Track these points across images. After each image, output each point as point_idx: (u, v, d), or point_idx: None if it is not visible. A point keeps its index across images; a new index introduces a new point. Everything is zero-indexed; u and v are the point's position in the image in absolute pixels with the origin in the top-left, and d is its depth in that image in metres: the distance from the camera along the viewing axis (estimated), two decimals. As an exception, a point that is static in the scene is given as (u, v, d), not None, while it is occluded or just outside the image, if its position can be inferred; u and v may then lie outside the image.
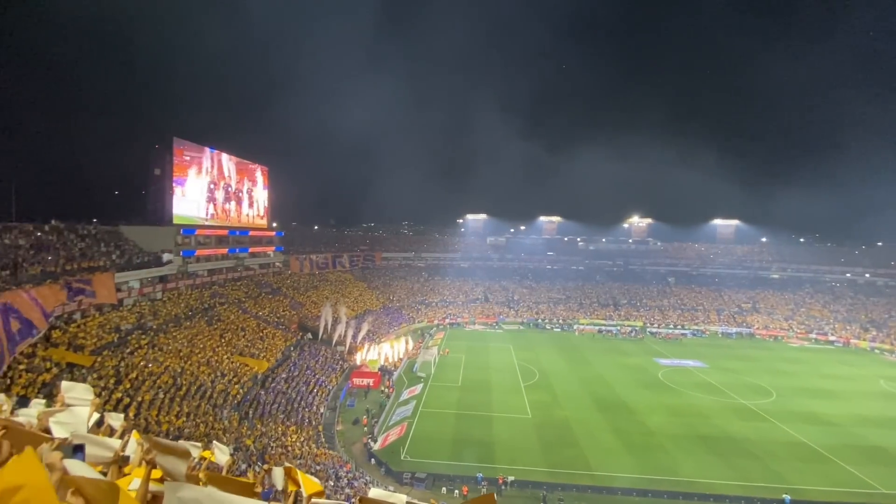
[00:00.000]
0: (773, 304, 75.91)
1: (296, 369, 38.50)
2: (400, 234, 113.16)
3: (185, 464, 2.74)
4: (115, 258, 36.54)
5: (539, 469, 27.09)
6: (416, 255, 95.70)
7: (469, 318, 74.08)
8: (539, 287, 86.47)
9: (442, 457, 28.30)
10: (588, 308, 78.58)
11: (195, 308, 40.11)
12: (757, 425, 34.35)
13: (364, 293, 73.10)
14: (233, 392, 29.31)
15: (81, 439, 3.14)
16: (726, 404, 38.82)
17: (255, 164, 59.77)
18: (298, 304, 57.33)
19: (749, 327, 70.49)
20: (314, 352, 44.49)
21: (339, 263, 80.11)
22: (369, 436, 30.94)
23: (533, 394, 40.34)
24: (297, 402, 33.07)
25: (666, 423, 34.31)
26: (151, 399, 23.90)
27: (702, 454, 29.61)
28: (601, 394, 40.87)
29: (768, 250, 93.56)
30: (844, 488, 25.75)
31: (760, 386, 43.81)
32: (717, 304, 77.75)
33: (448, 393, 40.11)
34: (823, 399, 40.16)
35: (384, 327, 61.65)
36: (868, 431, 33.35)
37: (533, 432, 32.40)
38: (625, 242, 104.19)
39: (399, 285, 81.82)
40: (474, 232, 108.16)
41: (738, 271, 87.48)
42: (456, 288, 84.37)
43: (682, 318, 73.96)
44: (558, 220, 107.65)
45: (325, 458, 25.66)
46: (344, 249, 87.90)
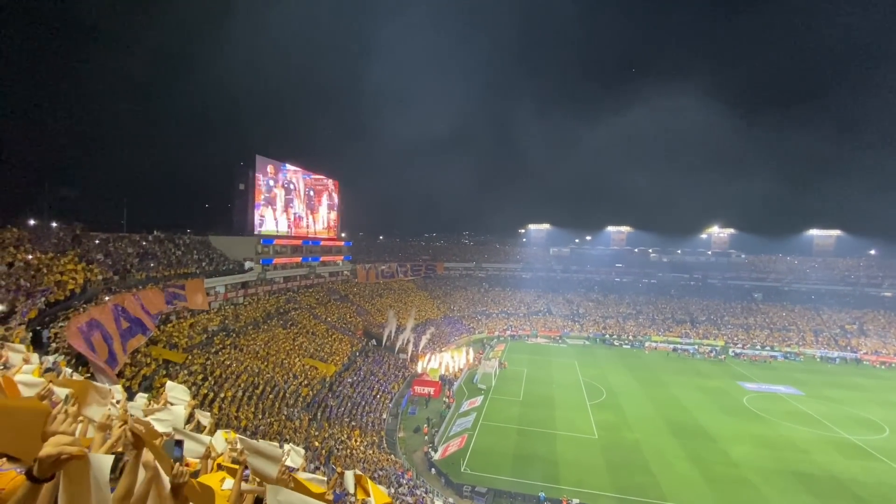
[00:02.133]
0: (884, 326, 66.28)
1: (361, 374, 39.81)
2: (461, 245, 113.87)
3: (277, 467, 2.86)
4: (204, 265, 40.30)
5: (607, 494, 25.57)
6: (477, 265, 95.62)
7: (531, 330, 72.42)
8: (606, 300, 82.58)
9: (503, 472, 27.68)
10: (661, 324, 73.62)
11: (271, 312, 43.02)
12: (865, 464, 29.94)
13: (426, 302, 74.20)
14: (303, 393, 30.90)
15: (181, 435, 3.44)
16: (826, 438, 34.29)
17: (326, 177, 63.40)
18: (364, 311, 59.48)
19: (855, 351, 62.04)
20: (378, 358, 45.79)
21: (402, 272, 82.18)
22: (430, 445, 31.08)
23: (600, 413, 38.35)
24: (361, 406, 34.12)
25: (752, 455, 30.97)
26: (232, 396, 25.86)
27: (795, 492, 26.30)
28: (676, 418, 37.88)
29: (878, 264, 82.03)
30: None
31: (870, 419, 38.25)
32: (814, 325, 69.41)
33: (509, 407, 39.31)
34: (955, 440, 34.14)
35: (445, 337, 62.03)
36: None
37: (600, 454, 30.72)
38: (703, 254, 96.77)
39: (460, 295, 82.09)
40: (537, 242, 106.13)
41: (840, 287, 77.57)
42: (517, 299, 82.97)
43: (772, 339, 66.84)
44: (627, 230, 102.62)
45: (387, 463, 26.15)
46: (407, 259, 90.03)
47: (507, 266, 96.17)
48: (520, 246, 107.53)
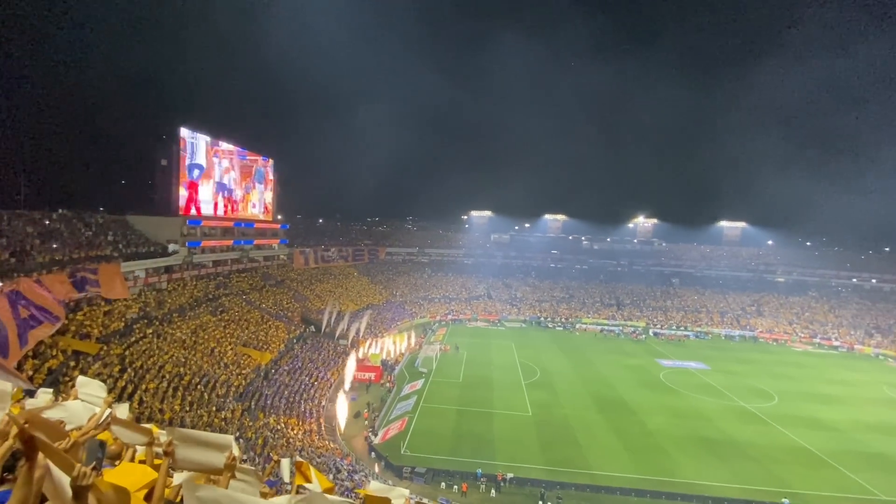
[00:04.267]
0: (777, 308, 75.53)
1: (298, 362, 38.74)
2: (404, 230, 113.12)
3: (223, 455, 2.67)
4: (121, 248, 36.80)
5: (538, 467, 27.18)
6: (420, 250, 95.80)
7: (471, 314, 74.20)
8: (542, 285, 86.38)
9: (442, 452, 28.44)
10: (591, 307, 78.48)
11: (200, 299, 40.38)
12: (758, 429, 34.28)
13: (367, 287, 73.31)
14: (235, 383, 29.54)
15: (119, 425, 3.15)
16: (728, 407, 38.76)
17: (260, 156, 59.89)
18: (302, 296, 57.59)
19: (752, 330, 70.22)
20: (317, 345, 44.74)
21: (343, 257, 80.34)
22: (370, 430, 31.13)
23: (534, 392, 40.41)
24: (299, 394, 33.29)
25: (666, 425, 34.30)
26: (155, 388, 24.14)
27: (702, 456, 29.60)
28: (602, 393, 40.89)
29: (774, 253, 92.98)
30: (845, 493, 25.70)
31: (763, 389, 43.68)
32: (720, 307, 77.45)
33: (449, 389, 40.26)
34: (826, 404, 40.00)
35: (387, 322, 61.86)
36: (871, 438, 33.22)
37: (533, 430, 32.49)
38: (629, 242, 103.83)
39: (402, 280, 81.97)
40: (479, 229, 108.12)
41: (742, 274, 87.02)
42: (459, 284, 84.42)
43: (686, 320, 73.74)
44: (563, 219, 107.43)
45: (326, 450, 25.87)
46: (348, 243, 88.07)
47: (450, 252, 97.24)
48: (462, 232, 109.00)
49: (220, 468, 2.62)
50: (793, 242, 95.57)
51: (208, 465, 2.61)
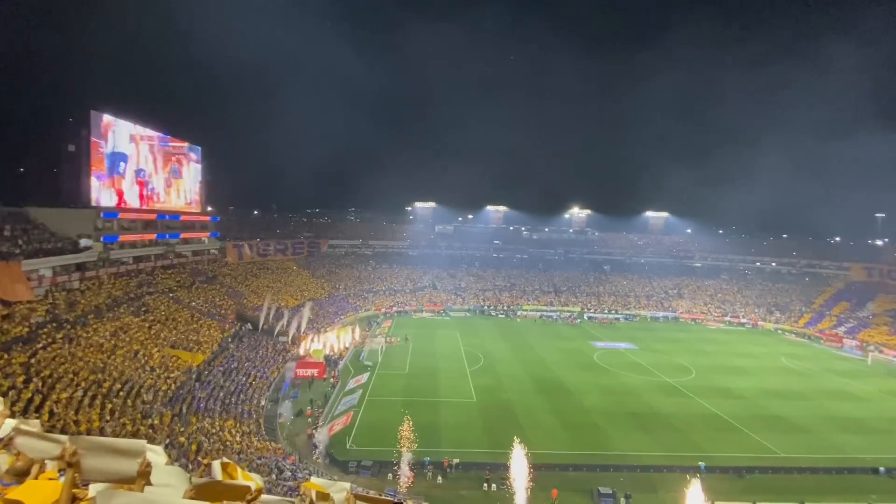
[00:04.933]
0: (694, 291, 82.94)
1: (234, 361, 36.85)
2: (347, 221, 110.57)
3: (136, 462, 2.47)
4: (21, 244, 32.77)
5: (483, 450, 28.07)
6: (364, 242, 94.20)
7: (417, 305, 74.39)
8: (485, 275, 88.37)
9: (389, 444, 28.41)
10: (531, 295, 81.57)
11: (119, 298, 37.07)
12: (678, 401, 37.67)
13: (308, 281, 71.01)
14: (163, 387, 27.57)
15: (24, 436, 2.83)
16: (653, 382, 42.16)
17: (186, 143, 55.60)
18: (237, 293, 54.68)
19: (674, 311, 76.62)
20: (254, 343, 42.80)
21: (281, 250, 77.06)
22: (314, 427, 30.43)
23: (478, 378, 41.48)
24: (235, 395, 31.73)
25: (599, 402, 36.72)
26: (69, 398, 21.94)
27: (630, 429, 32.05)
28: (542, 376, 42.85)
29: (692, 241, 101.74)
30: (750, 454, 29.00)
31: (682, 365, 47.95)
32: (647, 291, 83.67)
33: (395, 380, 40.27)
34: (735, 375, 44.74)
35: (330, 316, 60.41)
36: (770, 403, 37.69)
37: (478, 415, 33.43)
38: (566, 232, 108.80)
39: (346, 273, 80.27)
40: (423, 220, 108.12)
41: (665, 260, 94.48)
42: (404, 276, 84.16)
43: (616, 304, 78.87)
44: (505, 210, 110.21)
45: (267, 451, 24.97)
46: (287, 236, 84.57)
47: (395, 243, 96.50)
48: (407, 223, 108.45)
49: (133, 476, 2.43)
50: (708, 231, 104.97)
51: (119, 473, 2.42)
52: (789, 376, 45.54)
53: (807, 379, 44.81)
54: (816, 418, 34.69)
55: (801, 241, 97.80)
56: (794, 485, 25.47)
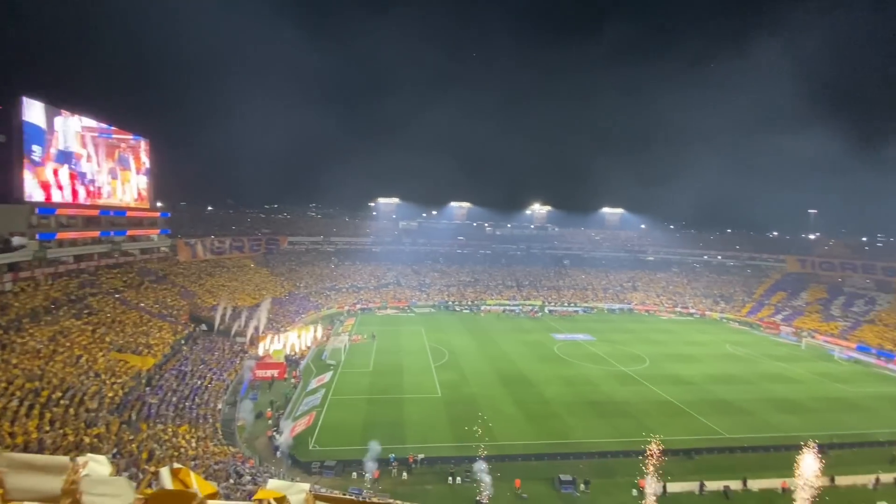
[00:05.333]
0: (648, 283, 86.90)
1: (188, 364, 35.23)
2: (307, 217, 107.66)
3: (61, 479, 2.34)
4: (-60, 243, 29.83)
5: (448, 445, 28.33)
6: (325, 239, 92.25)
7: (381, 302, 73.77)
8: (450, 270, 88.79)
9: (353, 443, 28.19)
10: (494, 289, 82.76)
11: (59, 300, 34.54)
12: (633, 388, 39.47)
13: (267, 280, 68.83)
14: (110, 394, 25.98)
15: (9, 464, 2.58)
16: (610, 372, 43.93)
17: (131, 134, 52.28)
18: (190, 293, 52.22)
19: (629, 303, 80.00)
20: (210, 345, 41.07)
21: (237, 248, 74.16)
22: (274, 429, 29.66)
23: (443, 373, 41.74)
24: (190, 399, 30.38)
25: (560, 392, 37.89)
26: (3, 408, 20.27)
27: (589, 417, 33.30)
28: (505, 369, 43.67)
29: (645, 235, 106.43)
30: (698, 436, 30.86)
31: (637, 354, 50.22)
32: (603, 284, 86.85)
33: (359, 379, 39.85)
34: (684, 363, 47.34)
35: (290, 315, 58.85)
36: (716, 387, 40.18)
37: (443, 410, 33.67)
38: (527, 228, 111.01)
39: (306, 271, 78.39)
40: (386, 216, 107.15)
41: (621, 254, 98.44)
42: (368, 273, 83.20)
43: (575, 297, 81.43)
44: (468, 206, 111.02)
45: (224, 455, 24.10)
46: (244, 233, 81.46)
47: (357, 240, 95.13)
48: (370, 219, 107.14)
49: (58, 494, 2.30)
50: (660, 226, 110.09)
51: (44, 492, 2.28)
52: (733, 362, 48.69)
53: (748, 364, 48.08)
54: (757, 400, 37.33)
55: (743, 235, 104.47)
56: (737, 463, 27.35)
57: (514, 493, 23.73)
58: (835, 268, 76.95)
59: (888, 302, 63.38)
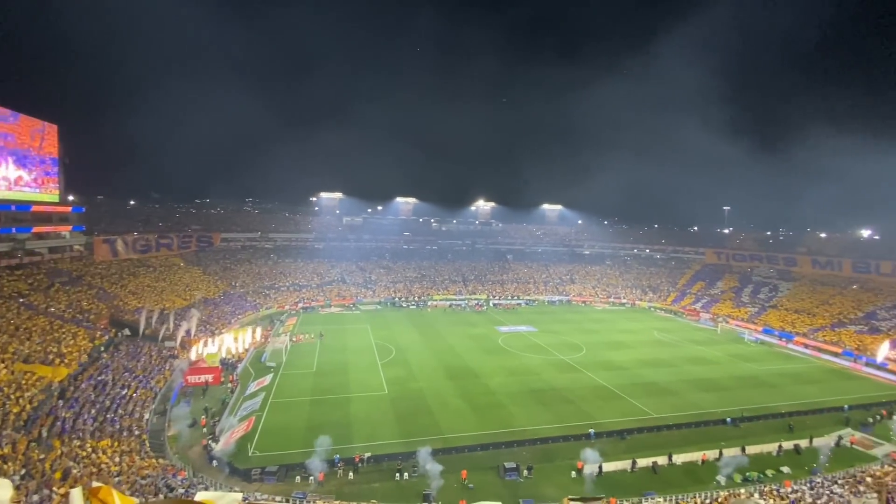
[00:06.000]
0: (584, 276, 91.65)
1: (108, 373, 32.30)
2: (244, 213, 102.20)
3: None
4: None
5: (395, 441, 28.27)
6: (264, 235, 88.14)
7: (324, 300, 71.80)
8: (396, 267, 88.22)
9: (296, 446, 27.33)
10: (440, 285, 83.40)
11: (-55, 308, 30.24)
12: (572, 376, 41.56)
13: (199, 279, 64.59)
14: (14, 409, 23.23)
15: None
16: (550, 361, 45.92)
17: (40, 121, 46.64)
18: (110, 295, 47.84)
19: (567, 295, 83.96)
20: (134, 351, 37.92)
21: (165, 245, 68.86)
22: (210, 437, 28.04)
23: (390, 370, 41.51)
24: (112, 411, 27.91)
25: (504, 383, 39.06)
26: None
27: (531, 405, 34.63)
28: (451, 363, 44.25)
29: (582, 231, 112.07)
30: (630, 417, 33.11)
31: (575, 343, 52.88)
32: (544, 277, 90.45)
33: (302, 380, 38.62)
34: (617, 349, 50.53)
35: (226, 316, 55.71)
36: (645, 371, 43.29)
37: (389, 407, 33.52)
38: (472, 224, 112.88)
39: (243, 269, 74.49)
40: (329, 211, 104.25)
41: (560, 249, 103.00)
42: (310, 270, 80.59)
43: (518, 290, 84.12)
44: (414, 202, 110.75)
45: (153, 469, 22.42)
46: (172, 229, 75.77)
47: (299, 236, 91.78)
48: (311, 215, 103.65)
49: None
50: (595, 222, 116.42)
51: None
52: (660, 347, 52.70)
53: (673, 349, 52.26)
54: (680, 382, 40.71)
55: (668, 230, 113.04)
56: (664, 440, 29.69)
57: (461, 484, 24.19)
58: (745, 259, 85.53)
59: (788, 289, 71.50)
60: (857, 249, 73.84)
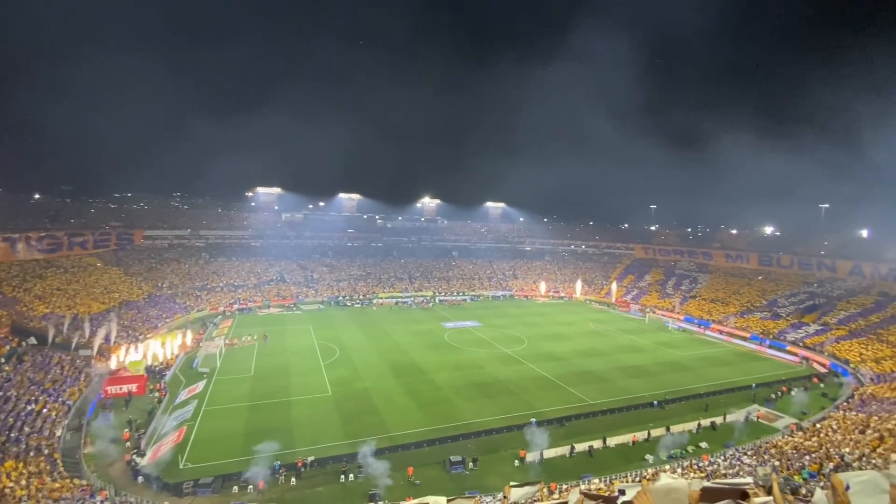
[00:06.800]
0: (526, 271, 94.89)
1: (10, 387, 28.79)
2: (170, 208, 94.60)
3: None
4: None
5: (340, 443, 27.72)
6: (194, 232, 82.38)
7: (262, 301, 68.56)
8: (340, 265, 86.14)
9: (233, 454, 26.00)
10: (386, 282, 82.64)
11: None
12: (515, 368, 42.95)
13: (119, 281, 59.22)
14: None
15: None
16: (494, 354, 47.13)
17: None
18: (11, 300, 42.60)
19: (510, 290, 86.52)
20: (42, 361, 34.05)
21: (79, 244, 62.33)
22: (134, 451, 25.91)
23: (333, 371, 40.57)
24: (16, 429, 24.94)
25: (450, 378, 39.57)
26: None
27: (476, 398, 35.39)
28: (397, 360, 44.08)
29: (524, 228, 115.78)
30: (568, 405, 34.84)
31: (517, 336, 54.66)
32: (488, 273, 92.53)
33: (238, 385, 36.71)
34: (556, 341, 52.89)
35: (151, 321, 51.58)
36: (582, 361, 45.70)
37: (333, 409, 32.78)
38: (418, 221, 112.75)
39: (170, 269, 69.25)
40: (267, 207, 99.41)
41: (503, 245, 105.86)
42: (246, 269, 76.57)
43: (464, 286, 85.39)
44: (358, 198, 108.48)
45: (67, 490, 20.36)
46: (87, 226, 68.67)
47: (234, 233, 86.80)
48: (248, 211, 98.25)
49: None
50: (536, 219, 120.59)
51: None
52: (595, 337, 55.86)
53: (606, 338, 55.60)
54: (613, 369, 43.43)
55: (602, 227, 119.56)
56: (599, 425, 31.57)
57: (408, 481, 24.25)
58: (669, 254, 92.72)
59: (705, 281, 78.46)
60: (762, 244, 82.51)
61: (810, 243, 75.32)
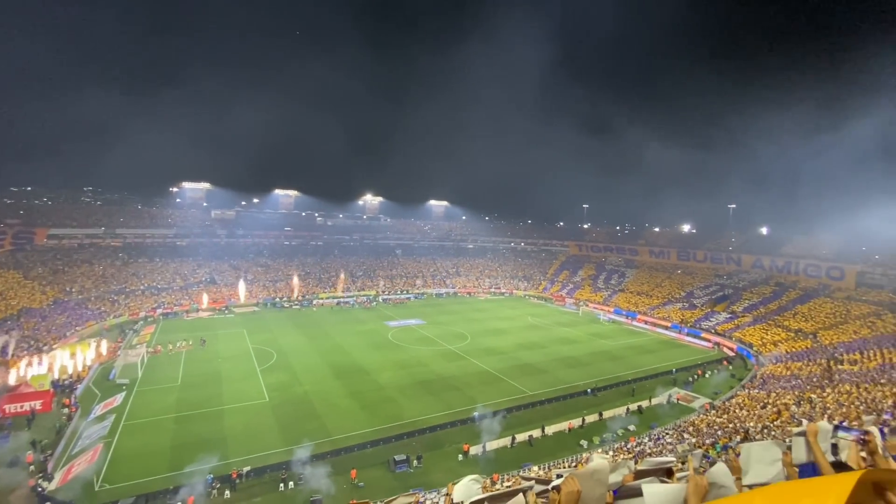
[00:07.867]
0: (468, 269, 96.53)
1: None
2: (80, 204, 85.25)
3: None
4: None
5: (278, 450, 26.62)
6: (108, 231, 74.90)
7: (190, 304, 63.91)
8: (276, 264, 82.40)
9: (159, 471, 24.10)
10: (327, 282, 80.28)
11: None
12: (458, 364, 43.61)
13: (18, 286, 52.54)
14: None
15: None
16: (438, 351, 47.54)
17: None
18: None
19: (453, 287, 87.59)
20: (-83, 380, 29.42)
21: (-38, 245, 54.42)
22: (40, 475, 23.19)
23: (270, 376, 38.82)
24: None
25: (394, 377, 39.36)
26: None
27: (421, 396, 35.53)
28: (339, 362, 43.07)
29: (466, 226, 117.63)
30: (509, 397, 35.99)
31: (460, 332, 55.51)
32: (431, 271, 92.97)
33: (163, 396, 34.03)
34: (497, 335, 54.38)
35: (58, 329, 46.31)
36: (521, 354, 47.36)
37: (271, 415, 31.41)
38: (360, 218, 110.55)
39: (80, 272, 62.56)
40: (194, 203, 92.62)
41: (446, 243, 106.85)
42: (171, 271, 70.99)
43: (407, 285, 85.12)
44: (296, 195, 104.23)
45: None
46: (-28, 224, 60.13)
47: (156, 231, 79.98)
48: (172, 207, 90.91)
49: None
50: (478, 218, 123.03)
51: None
52: (533, 331, 58.12)
53: (544, 331, 58.05)
54: (550, 361, 45.46)
55: (539, 225, 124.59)
56: (538, 415, 32.95)
57: (351, 484, 23.86)
58: (600, 250, 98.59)
59: (632, 275, 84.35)
60: (681, 241, 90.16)
61: (720, 240, 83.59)
